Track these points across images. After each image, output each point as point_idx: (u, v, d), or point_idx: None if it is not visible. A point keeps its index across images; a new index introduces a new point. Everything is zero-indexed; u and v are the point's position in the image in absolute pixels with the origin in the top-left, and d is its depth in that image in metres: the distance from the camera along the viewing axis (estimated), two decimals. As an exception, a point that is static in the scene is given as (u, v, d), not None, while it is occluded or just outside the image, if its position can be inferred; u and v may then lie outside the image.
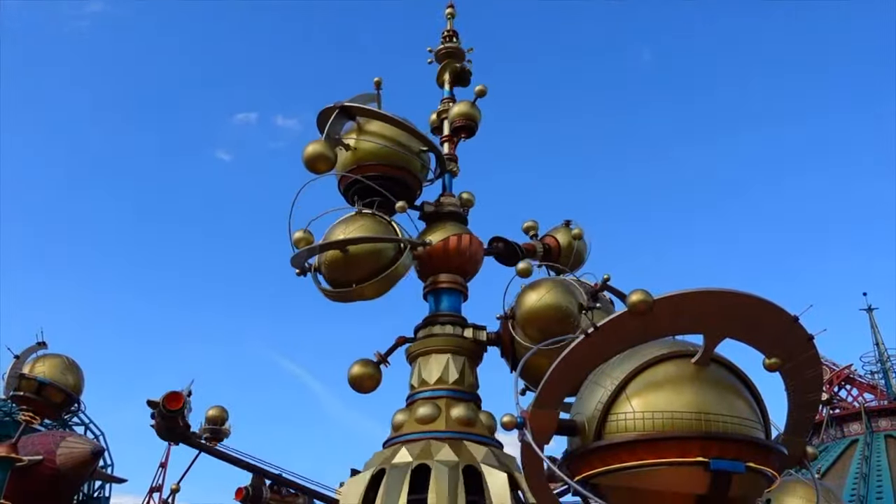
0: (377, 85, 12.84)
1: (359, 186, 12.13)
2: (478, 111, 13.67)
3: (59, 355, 14.99)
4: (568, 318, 10.18)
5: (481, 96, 13.45)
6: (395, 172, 12.32)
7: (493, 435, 11.45)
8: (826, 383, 57.58)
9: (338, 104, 12.07)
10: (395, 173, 12.33)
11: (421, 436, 10.97)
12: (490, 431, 11.38)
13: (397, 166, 12.32)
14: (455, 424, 11.04)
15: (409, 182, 12.64)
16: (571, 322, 10.09)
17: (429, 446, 10.71)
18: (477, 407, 11.59)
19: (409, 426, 11.29)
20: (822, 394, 7.51)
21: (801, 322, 6.38)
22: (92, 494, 43.10)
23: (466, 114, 13.53)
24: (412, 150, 12.46)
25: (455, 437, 10.84)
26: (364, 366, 11.99)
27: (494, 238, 12.88)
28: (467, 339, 11.72)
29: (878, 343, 64.00)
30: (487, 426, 11.38)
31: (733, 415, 6.43)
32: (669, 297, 6.15)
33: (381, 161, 12.25)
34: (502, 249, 12.78)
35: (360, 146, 12.24)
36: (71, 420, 42.03)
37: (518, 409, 6.65)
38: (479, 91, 13.46)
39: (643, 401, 6.56)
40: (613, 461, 6.49)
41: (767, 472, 6.59)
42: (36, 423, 15.34)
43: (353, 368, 11.95)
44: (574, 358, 6.46)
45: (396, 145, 12.25)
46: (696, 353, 6.69)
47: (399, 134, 12.39)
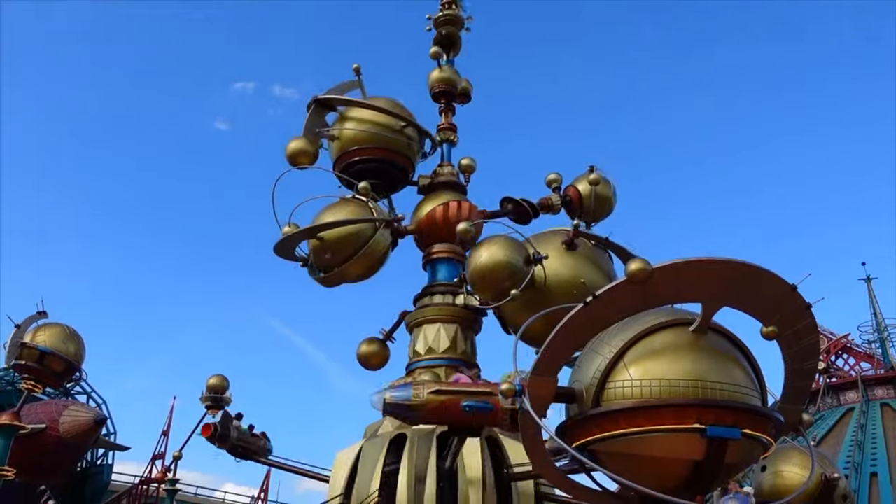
0: (356, 72, 12.87)
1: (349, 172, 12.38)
2: (456, 75, 13.62)
3: (60, 324, 15.03)
4: (515, 274, 10.17)
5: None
6: (380, 154, 12.42)
7: None
8: (823, 353, 58.05)
9: (314, 98, 12.45)
10: (381, 155, 12.42)
11: None
12: None
13: (381, 148, 12.40)
14: None
15: (398, 161, 12.66)
16: (520, 277, 10.12)
17: None
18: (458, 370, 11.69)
19: None
20: (819, 362, 7.54)
21: (800, 291, 6.39)
22: (95, 462, 43.65)
23: (444, 79, 13.53)
24: (393, 129, 12.43)
25: None
26: (370, 344, 12.47)
27: (504, 199, 12.79)
28: (458, 307, 11.80)
29: (875, 313, 64.33)
30: None
31: (730, 382, 6.48)
32: (668, 265, 6.15)
33: (361, 145, 12.35)
34: (511, 210, 12.68)
35: (342, 135, 12.43)
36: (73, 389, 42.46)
37: (517, 376, 6.69)
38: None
39: (641, 369, 6.61)
40: (611, 428, 6.56)
41: (763, 438, 6.66)
42: (38, 391, 15.44)
43: (360, 347, 12.45)
44: (572, 326, 6.48)
45: (376, 127, 12.33)
46: (694, 321, 6.73)
47: (379, 116, 12.48)
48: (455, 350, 11.68)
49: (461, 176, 13.27)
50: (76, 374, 15.84)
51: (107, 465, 42.18)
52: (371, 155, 12.39)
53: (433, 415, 8.22)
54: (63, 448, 34.86)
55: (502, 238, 10.77)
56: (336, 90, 12.90)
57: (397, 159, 12.59)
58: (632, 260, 6.20)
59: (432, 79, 13.54)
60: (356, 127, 12.38)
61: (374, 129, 12.31)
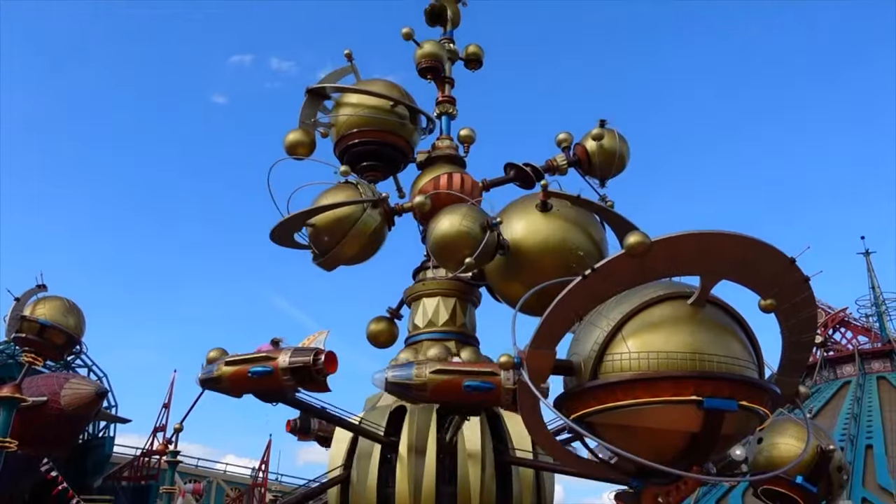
0: (348, 57, 12.93)
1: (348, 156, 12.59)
2: (440, 49, 13.58)
3: (60, 297, 15.03)
4: (471, 242, 10.16)
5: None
6: (374, 136, 12.51)
7: None
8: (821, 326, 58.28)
9: (306, 89, 12.69)
10: (375, 137, 12.52)
11: None
12: None
13: (375, 130, 12.48)
14: None
15: (393, 141, 12.67)
16: (476, 244, 10.10)
17: None
18: (464, 345, 11.78)
19: None
20: (816, 335, 7.56)
21: (798, 264, 6.39)
22: (97, 434, 43.95)
23: (429, 54, 13.50)
24: (384, 111, 12.44)
25: None
26: (378, 322, 12.76)
27: (506, 165, 12.74)
28: (455, 280, 11.87)
29: (874, 287, 64.51)
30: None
31: (728, 355, 6.51)
32: (667, 238, 6.15)
33: (353, 129, 12.45)
34: (514, 176, 12.62)
35: (337, 121, 12.55)
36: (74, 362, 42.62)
37: (515, 349, 6.72)
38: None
39: (639, 341, 6.63)
40: (608, 400, 6.59)
41: (760, 410, 6.70)
42: (39, 364, 15.48)
43: (369, 326, 12.74)
44: (571, 299, 6.49)
45: (367, 111, 12.41)
46: (692, 294, 6.73)
47: (371, 99, 12.54)
48: (454, 323, 11.76)
49: (461, 148, 13.23)
50: (76, 348, 15.87)
51: (108, 438, 42.62)
52: (365, 138, 12.49)
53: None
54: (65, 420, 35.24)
55: (457, 207, 10.72)
56: (329, 78, 13.04)
57: (392, 139, 12.60)
58: (630, 233, 6.19)
59: (416, 56, 13.50)
60: (349, 112, 12.50)
61: (365, 112, 12.40)
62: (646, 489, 6.89)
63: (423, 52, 13.38)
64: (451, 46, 13.99)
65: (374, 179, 12.58)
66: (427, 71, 13.45)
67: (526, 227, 10.55)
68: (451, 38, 14.15)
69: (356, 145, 12.49)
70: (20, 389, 15.11)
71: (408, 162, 13.02)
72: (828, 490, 11.12)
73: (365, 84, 12.72)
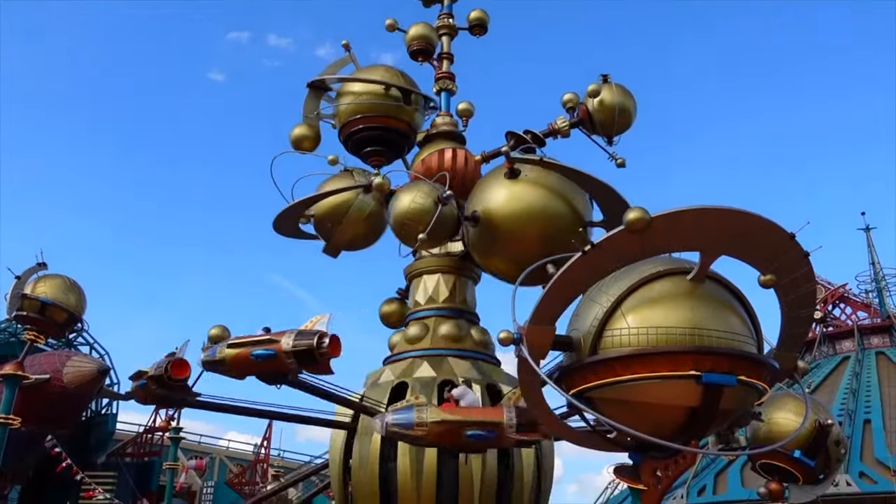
0: (346, 47, 12.98)
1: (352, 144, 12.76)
2: (430, 30, 13.56)
3: (60, 275, 15.03)
4: (427, 217, 10.17)
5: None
6: (372, 122, 12.52)
7: (487, 350, 11.72)
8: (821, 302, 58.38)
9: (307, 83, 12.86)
10: (373, 122, 12.52)
11: (407, 355, 11.40)
12: (482, 347, 11.63)
13: (371, 115, 12.49)
14: (441, 341, 11.34)
15: (391, 124, 12.70)
16: (429, 218, 10.13)
17: (412, 364, 11.18)
18: (470, 323, 11.81)
19: (399, 346, 11.75)
20: (815, 310, 7.57)
21: (798, 239, 6.39)
22: (99, 412, 44.26)
23: (418, 36, 13.52)
24: (379, 95, 12.44)
25: (439, 354, 11.16)
26: (389, 304, 12.90)
27: (507, 134, 12.67)
28: (452, 257, 11.89)
29: (874, 262, 64.53)
30: (479, 342, 11.63)
31: (727, 330, 6.53)
32: (667, 214, 6.14)
33: (355, 116, 12.49)
34: (513, 146, 12.55)
35: (339, 111, 12.64)
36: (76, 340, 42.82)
37: (515, 325, 6.73)
38: None
39: (638, 317, 6.64)
40: (608, 375, 6.62)
41: (758, 385, 6.74)
42: (40, 342, 15.53)
43: (381, 308, 12.88)
44: (570, 275, 6.50)
45: (364, 97, 12.44)
46: (691, 270, 6.74)
47: (368, 85, 12.54)
48: (454, 299, 11.78)
49: (461, 122, 13.18)
50: (78, 326, 15.90)
51: (111, 415, 42.89)
52: (365, 124, 12.54)
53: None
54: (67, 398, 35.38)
55: (412, 184, 10.82)
56: (329, 70, 13.10)
57: (392, 123, 12.61)
58: (630, 209, 6.19)
59: (408, 37, 13.52)
60: (349, 101, 12.61)
61: (363, 99, 12.44)
62: (644, 463, 6.94)
63: (411, 35, 13.40)
64: (450, 22, 13.87)
65: (379, 164, 12.68)
66: (418, 53, 13.46)
67: (494, 197, 10.39)
68: (449, 13, 14.03)
69: (358, 132, 12.58)
70: (22, 367, 15.14)
71: (411, 144, 12.99)
72: (826, 464, 11.20)
73: (364, 71, 12.76)
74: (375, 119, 12.47)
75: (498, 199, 10.35)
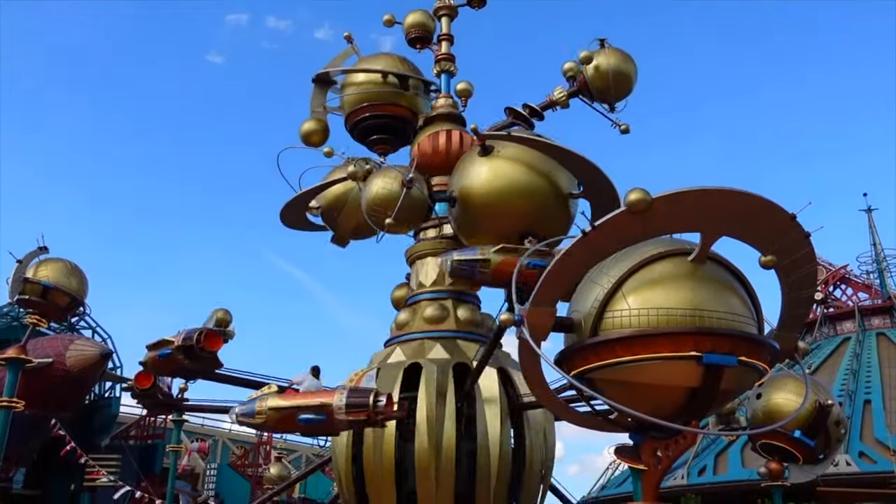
0: (348, 39, 13.24)
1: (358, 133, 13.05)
2: (426, 17, 13.66)
3: (62, 259, 15.03)
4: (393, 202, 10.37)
5: None
6: (377, 110, 12.79)
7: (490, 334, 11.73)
8: (821, 283, 58.35)
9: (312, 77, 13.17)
10: (378, 111, 12.79)
11: (416, 336, 11.41)
12: (489, 330, 11.66)
13: (376, 104, 12.74)
14: (451, 324, 11.33)
15: (397, 112, 12.72)
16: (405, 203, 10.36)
17: (422, 346, 11.18)
18: (477, 307, 11.85)
19: (410, 326, 11.73)
20: (816, 290, 7.56)
21: (799, 220, 6.37)
22: (102, 395, 44.38)
23: (415, 24, 13.60)
24: (377, 84, 12.64)
25: (449, 337, 11.16)
26: (400, 289, 13.00)
27: (506, 109, 12.57)
28: (448, 239, 11.90)
29: (875, 244, 64.43)
30: (486, 326, 11.67)
31: (727, 311, 6.53)
32: (668, 195, 6.13)
33: (360, 105, 12.73)
34: (513, 121, 12.45)
35: (344, 101, 12.90)
36: (78, 324, 42.82)
37: (516, 307, 6.74)
38: None
39: (639, 298, 6.65)
40: (609, 356, 6.63)
41: (759, 365, 6.75)
42: (43, 326, 15.56)
43: (393, 293, 13.01)
44: (572, 257, 6.50)
45: (364, 87, 12.71)
46: (692, 251, 6.73)
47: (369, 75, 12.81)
48: (456, 282, 11.78)
49: (460, 103, 13.12)
50: (80, 309, 15.92)
51: (114, 398, 43.01)
52: (367, 113, 12.80)
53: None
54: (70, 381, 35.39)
55: (382, 170, 11.05)
56: (333, 63, 13.32)
57: (393, 110, 12.74)
58: (631, 190, 6.17)
59: (406, 24, 13.61)
60: (352, 91, 12.81)
61: (363, 89, 12.66)
62: (645, 443, 6.96)
63: (408, 24, 13.52)
64: (449, 2, 13.77)
65: (385, 152, 12.81)
66: (416, 41, 13.57)
67: (469, 176, 10.34)
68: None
69: (361, 121, 12.80)
70: (25, 351, 15.18)
71: (415, 128, 12.97)
72: (825, 444, 11.25)
73: (366, 60, 12.93)
74: (377, 107, 12.70)
75: (472, 177, 10.26)
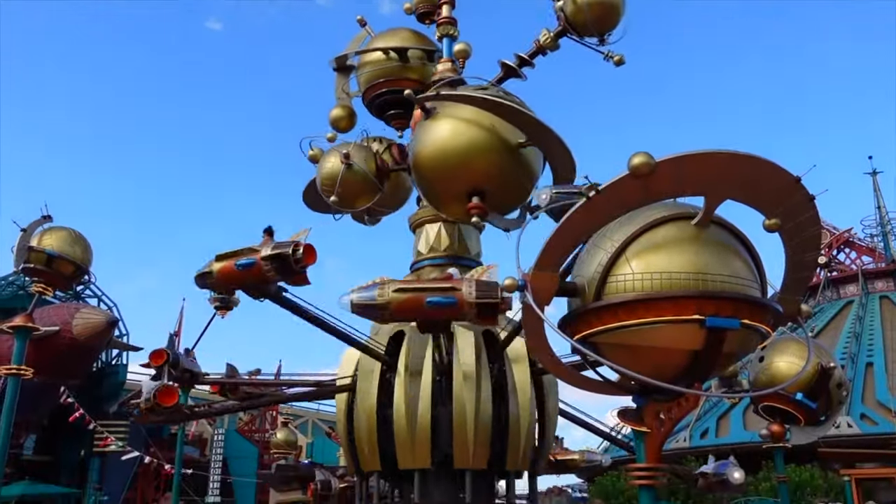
0: (361, 23, 13.37)
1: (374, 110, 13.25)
2: None
3: (66, 228, 15.07)
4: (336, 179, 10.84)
5: None
6: (387, 86, 12.85)
7: None
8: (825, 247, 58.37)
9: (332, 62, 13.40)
10: (388, 87, 12.84)
11: None
12: None
13: (383, 81, 12.81)
14: None
15: (406, 85, 12.68)
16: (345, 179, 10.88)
17: None
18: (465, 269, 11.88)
19: None
20: (820, 254, 7.55)
21: (804, 183, 6.34)
22: (110, 362, 44.79)
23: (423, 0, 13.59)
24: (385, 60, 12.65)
25: None
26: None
27: (500, 63, 12.37)
28: None
29: (879, 206, 64.32)
30: None
31: (731, 274, 6.53)
32: (671, 159, 6.09)
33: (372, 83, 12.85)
34: (506, 74, 12.26)
35: (360, 82, 13.12)
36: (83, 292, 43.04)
37: (519, 272, 6.76)
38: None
39: (642, 262, 6.65)
40: (611, 320, 6.65)
41: (761, 328, 6.77)
42: (48, 294, 15.65)
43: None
44: (574, 221, 6.50)
45: (374, 65, 12.78)
46: (696, 214, 6.72)
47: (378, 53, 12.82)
48: (454, 248, 11.82)
49: (459, 65, 13.01)
50: (85, 278, 16.00)
51: (121, 365, 43.45)
52: (377, 91, 12.88)
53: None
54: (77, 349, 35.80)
55: (333, 148, 11.42)
56: (350, 48, 13.45)
57: (403, 85, 12.61)
58: (635, 154, 6.13)
59: (414, 4, 13.52)
60: (367, 70, 12.97)
61: (373, 67, 12.76)
62: (648, 406, 7.03)
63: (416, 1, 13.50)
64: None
65: (402, 127, 12.96)
66: (424, 16, 13.48)
67: (414, 141, 10.11)
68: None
69: (376, 97, 12.92)
70: (32, 319, 15.30)
71: None
72: (827, 406, 11.35)
73: (378, 38, 12.99)
74: (389, 83, 12.73)
75: (415, 142, 10.00)
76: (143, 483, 41.80)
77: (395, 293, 8.26)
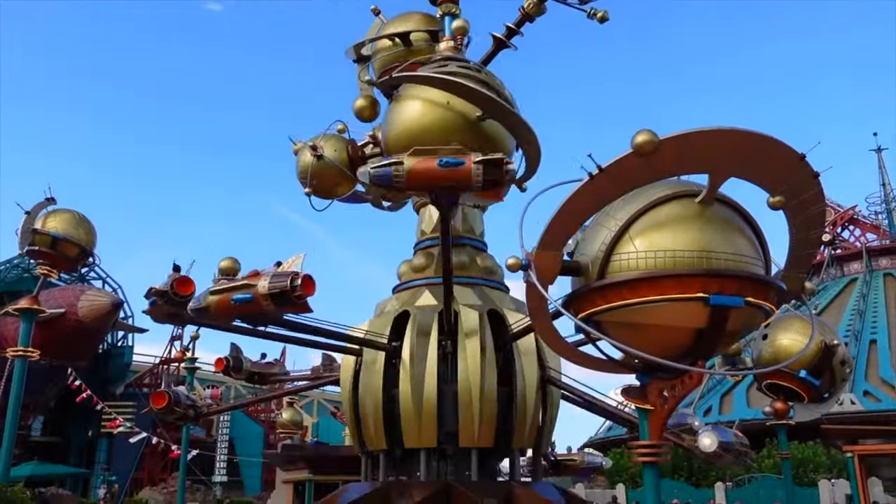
0: (375, 12, 13.25)
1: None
2: None
3: (70, 210, 15.09)
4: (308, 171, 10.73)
5: None
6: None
7: (493, 276, 11.82)
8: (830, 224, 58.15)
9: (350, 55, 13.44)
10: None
11: (412, 284, 11.57)
12: (487, 273, 11.74)
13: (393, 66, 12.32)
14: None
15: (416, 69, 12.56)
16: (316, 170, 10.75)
17: (415, 293, 11.34)
18: (475, 250, 11.89)
19: (405, 276, 11.93)
20: (824, 231, 7.51)
21: (808, 160, 6.30)
22: (116, 344, 44.94)
23: None
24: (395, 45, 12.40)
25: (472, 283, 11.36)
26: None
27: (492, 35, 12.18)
28: None
29: (884, 184, 63.99)
30: (484, 268, 11.72)
31: (735, 252, 6.50)
32: (675, 136, 6.06)
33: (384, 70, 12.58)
34: (497, 47, 12.09)
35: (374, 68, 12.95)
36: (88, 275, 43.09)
37: (523, 251, 6.75)
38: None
39: (646, 240, 6.62)
40: (615, 299, 6.64)
41: (765, 306, 6.76)
42: (53, 277, 15.71)
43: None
44: (578, 200, 6.47)
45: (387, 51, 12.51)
46: (700, 192, 6.68)
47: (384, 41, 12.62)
48: (458, 228, 11.84)
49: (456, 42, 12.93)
50: (90, 260, 16.04)
51: (127, 347, 43.68)
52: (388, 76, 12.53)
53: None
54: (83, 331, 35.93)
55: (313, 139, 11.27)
56: (367, 36, 13.38)
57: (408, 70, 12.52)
58: (638, 132, 6.10)
59: None
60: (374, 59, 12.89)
61: (382, 55, 12.59)
62: (651, 384, 7.05)
63: None
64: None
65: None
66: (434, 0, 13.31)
67: (385, 123, 9.94)
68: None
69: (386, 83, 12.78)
70: (38, 301, 15.36)
71: None
72: (830, 383, 11.38)
73: (390, 24, 12.80)
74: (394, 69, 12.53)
75: (386, 125, 9.83)
76: (151, 463, 42.17)
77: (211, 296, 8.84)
